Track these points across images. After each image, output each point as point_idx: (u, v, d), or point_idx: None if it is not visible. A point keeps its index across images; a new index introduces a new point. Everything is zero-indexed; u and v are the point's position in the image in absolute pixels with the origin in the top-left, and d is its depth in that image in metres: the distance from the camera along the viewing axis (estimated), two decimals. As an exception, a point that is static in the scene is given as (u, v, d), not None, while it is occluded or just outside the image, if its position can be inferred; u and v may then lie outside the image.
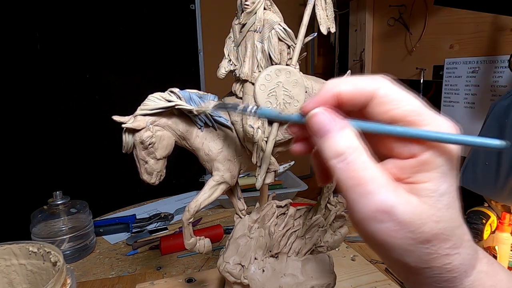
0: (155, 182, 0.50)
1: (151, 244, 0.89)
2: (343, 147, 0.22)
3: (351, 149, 0.22)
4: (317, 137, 0.24)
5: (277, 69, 0.48)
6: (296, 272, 0.52)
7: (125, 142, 0.47)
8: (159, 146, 0.48)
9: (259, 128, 0.48)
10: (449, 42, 1.20)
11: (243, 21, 0.49)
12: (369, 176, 0.21)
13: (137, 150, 0.47)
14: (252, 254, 0.52)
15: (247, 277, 0.51)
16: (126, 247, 0.90)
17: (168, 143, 0.49)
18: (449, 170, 0.22)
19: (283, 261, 0.52)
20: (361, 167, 0.22)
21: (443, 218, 0.21)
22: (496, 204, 0.83)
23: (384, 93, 0.23)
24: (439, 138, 0.21)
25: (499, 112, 0.82)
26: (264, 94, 0.47)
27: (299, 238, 0.53)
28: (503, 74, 1.05)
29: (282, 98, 0.48)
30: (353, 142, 0.22)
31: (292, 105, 0.48)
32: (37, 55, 1.20)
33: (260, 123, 0.48)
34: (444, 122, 0.22)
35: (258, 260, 0.52)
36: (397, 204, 0.21)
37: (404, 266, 0.22)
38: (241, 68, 0.50)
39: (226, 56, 0.52)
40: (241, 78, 0.49)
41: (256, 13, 0.48)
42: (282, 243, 0.52)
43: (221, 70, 0.51)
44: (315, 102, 0.24)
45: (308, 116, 0.24)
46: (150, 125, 0.47)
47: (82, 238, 0.85)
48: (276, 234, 0.52)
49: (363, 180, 0.21)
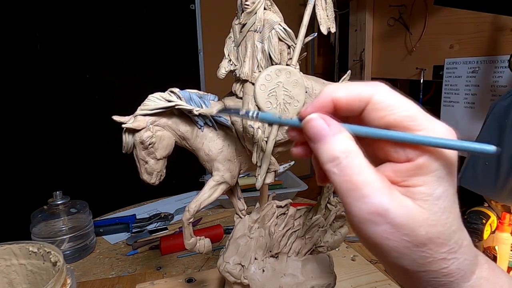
0: (155, 182, 0.50)
1: (151, 244, 0.89)
2: (337, 152, 0.22)
3: (346, 153, 0.22)
4: (313, 142, 0.24)
5: (277, 69, 0.48)
6: (296, 272, 0.52)
7: (125, 142, 0.47)
8: (159, 146, 0.48)
9: (259, 128, 0.48)
10: (449, 42, 1.20)
11: (243, 21, 0.49)
12: (363, 180, 0.21)
13: (137, 150, 0.47)
14: (252, 254, 0.52)
15: (247, 277, 0.51)
16: (126, 247, 0.90)
17: (168, 143, 0.49)
18: (446, 174, 0.22)
19: (283, 261, 0.52)
20: (355, 171, 0.22)
21: (438, 222, 0.21)
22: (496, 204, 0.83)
23: (379, 99, 0.23)
24: (431, 143, 0.21)
25: (499, 112, 0.82)
26: (264, 94, 0.47)
27: (299, 238, 0.53)
28: (503, 74, 1.05)
29: (282, 98, 0.48)
30: (348, 147, 0.22)
31: (292, 105, 0.48)
32: (37, 55, 1.20)
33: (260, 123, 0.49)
34: (441, 127, 0.22)
35: (258, 260, 0.52)
36: (392, 207, 0.21)
37: (401, 269, 0.23)
38: (241, 68, 0.50)
39: (226, 56, 0.52)
40: (241, 78, 0.49)
41: (256, 13, 0.48)
42: (282, 243, 0.52)
43: (221, 70, 0.51)
44: (313, 107, 0.24)
45: (304, 122, 0.24)
46: (150, 125, 0.47)
47: (82, 238, 0.85)
48: (276, 234, 0.52)
49: (358, 184, 0.21)
